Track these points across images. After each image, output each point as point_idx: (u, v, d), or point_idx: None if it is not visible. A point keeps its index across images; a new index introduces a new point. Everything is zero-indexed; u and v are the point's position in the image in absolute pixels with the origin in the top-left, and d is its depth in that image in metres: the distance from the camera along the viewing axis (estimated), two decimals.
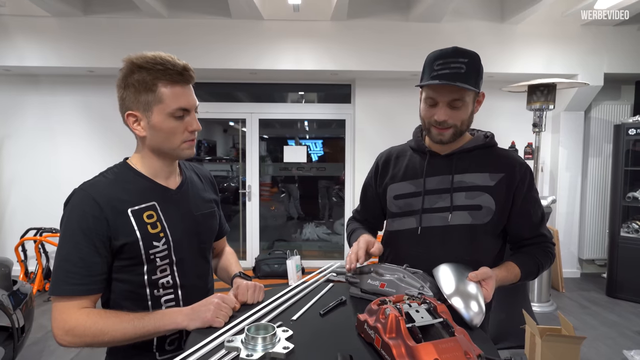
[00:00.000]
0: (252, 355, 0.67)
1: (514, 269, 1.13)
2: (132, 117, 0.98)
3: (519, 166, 1.17)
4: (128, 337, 0.91)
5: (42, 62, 3.98)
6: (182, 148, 1.01)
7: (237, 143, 5.16)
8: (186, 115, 0.99)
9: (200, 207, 1.11)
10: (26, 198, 4.51)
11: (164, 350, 1.03)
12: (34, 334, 3.05)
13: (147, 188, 1.02)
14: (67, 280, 0.90)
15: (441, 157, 1.21)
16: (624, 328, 3.32)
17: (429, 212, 1.18)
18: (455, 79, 1.05)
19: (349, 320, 0.96)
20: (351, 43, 4.10)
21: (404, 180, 1.24)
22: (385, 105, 4.54)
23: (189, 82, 0.99)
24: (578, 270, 4.76)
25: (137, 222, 0.96)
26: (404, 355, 0.70)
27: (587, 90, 4.24)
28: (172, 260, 1.01)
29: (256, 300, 1.05)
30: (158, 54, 0.96)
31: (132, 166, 1.04)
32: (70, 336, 0.89)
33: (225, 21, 4.04)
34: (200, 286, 1.10)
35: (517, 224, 1.19)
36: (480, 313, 0.92)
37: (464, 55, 1.07)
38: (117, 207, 0.95)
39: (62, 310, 0.90)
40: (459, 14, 4.12)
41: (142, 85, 0.94)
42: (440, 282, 0.99)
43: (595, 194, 4.72)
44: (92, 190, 0.95)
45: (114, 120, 4.37)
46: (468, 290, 0.96)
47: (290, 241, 5.44)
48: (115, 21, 3.99)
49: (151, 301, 1.00)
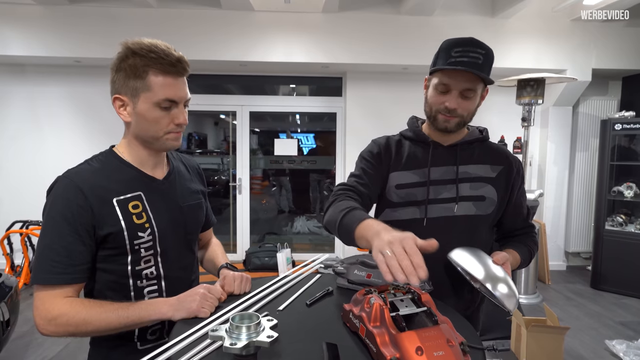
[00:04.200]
0: (236, 344, 0.67)
1: (515, 255, 1.16)
2: (119, 101, 0.97)
3: (513, 159, 1.22)
4: (112, 327, 0.90)
5: (27, 52, 3.89)
6: (165, 139, 0.98)
7: (227, 136, 5.13)
8: (174, 107, 0.96)
9: (186, 199, 1.10)
10: (12, 190, 4.43)
11: (145, 339, 1.02)
12: (20, 327, 3.02)
13: (133, 177, 1.00)
14: (51, 270, 0.88)
15: (444, 148, 1.20)
16: (607, 319, 3.40)
17: (434, 203, 1.17)
18: (473, 68, 1.04)
19: (335, 310, 0.96)
20: (342, 36, 4.08)
21: (406, 169, 1.21)
22: (376, 99, 4.54)
23: (182, 74, 0.96)
24: (564, 263, 4.85)
25: (122, 212, 0.94)
26: (388, 343, 0.70)
27: (576, 85, 4.28)
28: (157, 251, 1.00)
29: (243, 291, 1.05)
30: (155, 42, 0.93)
31: (119, 154, 1.01)
32: (53, 326, 0.87)
33: (215, 12, 3.99)
34: (184, 278, 1.09)
35: (512, 216, 1.24)
36: (513, 296, 0.92)
37: (482, 46, 1.06)
38: (102, 196, 0.93)
39: (45, 300, 0.88)
40: (450, 7, 4.12)
41: (133, 71, 0.93)
42: (466, 267, 0.98)
43: (581, 188, 4.80)
44: (76, 178, 0.93)
45: (101, 111, 4.33)
46: (497, 274, 0.95)
47: (281, 234, 5.44)
48: (102, 10, 3.91)
49: (134, 292, 0.99)
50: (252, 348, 0.69)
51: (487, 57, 1.06)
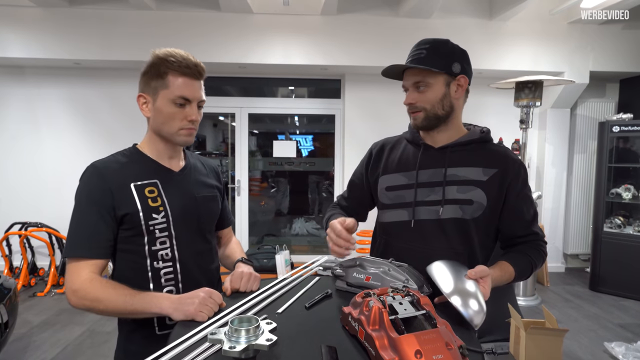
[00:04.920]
0: (235, 347, 0.67)
1: (507, 268, 1.10)
2: (142, 98, 1.09)
3: (512, 162, 1.17)
4: (119, 311, 0.97)
5: (26, 54, 3.89)
6: (179, 134, 1.09)
7: (226, 138, 5.13)
8: (188, 105, 1.07)
9: (201, 190, 1.19)
10: (10, 192, 4.42)
11: (164, 325, 1.08)
12: (19, 329, 3.01)
13: (151, 168, 1.12)
14: (77, 245, 1.00)
15: (435, 150, 1.20)
16: (606, 321, 3.40)
17: (421, 205, 1.18)
18: (414, 63, 1.12)
19: (334, 313, 0.96)
20: (341, 38, 4.09)
21: (396, 172, 1.24)
22: (375, 101, 4.55)
23: (197, 77, 1.09)
24: (563, 265, 4.85)
25: (138, 195, 1.05)
26: (387, 346, 0.70)
27: (573, 87, 4.30)
28: (171, 234, 1.09)
29: (249, 289, 1.08)
30: (177, 50, 1.07)
31: (140, 149, 1.14)
32: (74, 297, 0.98)
33: (214, 14, 4.00)
34: (200, 263, 1.16)
35: (510, 222, 1.17)
36: (481, 312, 0.89)
37: (427, 42, 1.14)
38: (121, 181, 1.05)
39: (72, 272, 1.00)
40: (448, 10, 4.13)
41: (155, 73, 1.06)
42: (437, 280, 0.96)
43: (580, 190, 4.81)
44: (100, 165, 1.07)
45: (100, 113, 4.33)
46: (467, 288, 0.93)
47: (280, 236, 5.44)
48: (101, 13, 3.91)
49: (151, 272, 1.07)
50: (251, 351, 0.69)
51: (432, 49, 1.13)
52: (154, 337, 1.06)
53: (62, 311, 3.42)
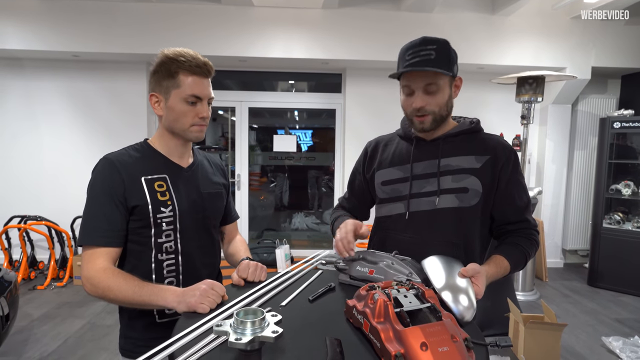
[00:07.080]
0: (241, 339, 0.67)
1: (502, 262, 1.11)
2: (155, 97, 1.13)
3: (502, 148, 1.18)
4: (128, 301, 1.00)
5: (25, 46, 3.87)
6: (191, 130, 1.13)
7: (226, 132, 5.11)
8: (198, 103, 1.11)
9: (207, 187, 1.22)
10: (9, 185, 4.41)
11: (163, 313, 1.11)
12: (19, 322, 3.01)
13: (161, 163, 1.15)
14: (92, 233, 1.04)
15: (427, 143, 1.22)
16: (603, 316, 3.42)
17: (417, 197, 1.19)
18: (425, 65, 1.08)
19: (337, 305, 0.96)
20: (342, 32, 4.07)
21: (391, 166, 1.26)
22: (375, 96, 4.53)
23: (207, 75, 1.12)
24: (561, 261, 4.87)
25: (148, 189, 1.09)
26: (392, 339, 0.70)
27: (575, 83, 4.29)
28: (177, 227, 1.12)
29: (257, 279, 1.12)
30: (186, 50, 1.10)
31: (151, 145, 1.17)
32: (88, 284, 1.01)
33: (215, 7, 3.97)
34: (200, 257, 1.18)
35: (502, 207, 1.18)
36: (470, 308, 0.90)
37: (432, 42, 1.10)
38: (132, 173, 1.09)
39: (86, 260, 1.03)
40: (450, 4, 4.11)
41: (167, 72, 1.09)
42: (430, 275, 0.97)
43: (579, 185, 4.82)
44: (113, 157, 1.10)
45: (98, 106, 4.31)
46: (458, 284, 0.93)
47: (280, 231, 5.44)
48: (101, 5, 3.88)
49: (154, 264, 1.10)
50: (257, 343, 0.69)
51: (439, 50, 1.10)
52: (154, 325, 1.11)
53: (63, 304, 3.43)
